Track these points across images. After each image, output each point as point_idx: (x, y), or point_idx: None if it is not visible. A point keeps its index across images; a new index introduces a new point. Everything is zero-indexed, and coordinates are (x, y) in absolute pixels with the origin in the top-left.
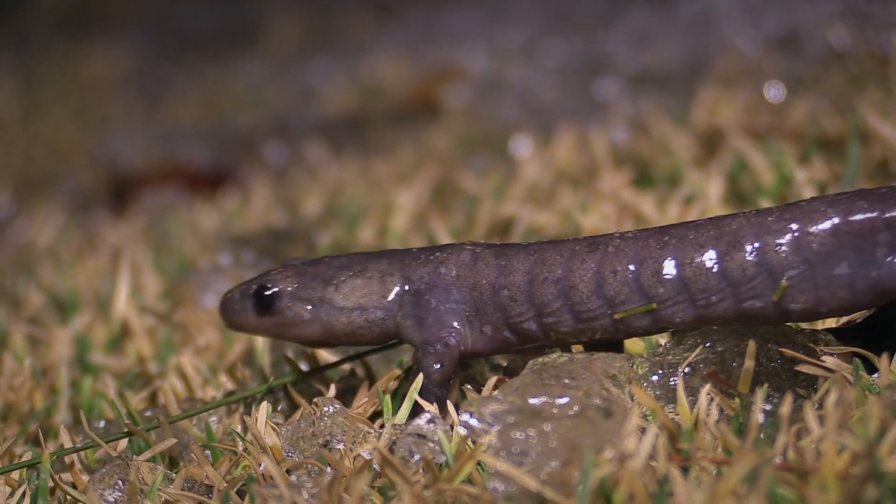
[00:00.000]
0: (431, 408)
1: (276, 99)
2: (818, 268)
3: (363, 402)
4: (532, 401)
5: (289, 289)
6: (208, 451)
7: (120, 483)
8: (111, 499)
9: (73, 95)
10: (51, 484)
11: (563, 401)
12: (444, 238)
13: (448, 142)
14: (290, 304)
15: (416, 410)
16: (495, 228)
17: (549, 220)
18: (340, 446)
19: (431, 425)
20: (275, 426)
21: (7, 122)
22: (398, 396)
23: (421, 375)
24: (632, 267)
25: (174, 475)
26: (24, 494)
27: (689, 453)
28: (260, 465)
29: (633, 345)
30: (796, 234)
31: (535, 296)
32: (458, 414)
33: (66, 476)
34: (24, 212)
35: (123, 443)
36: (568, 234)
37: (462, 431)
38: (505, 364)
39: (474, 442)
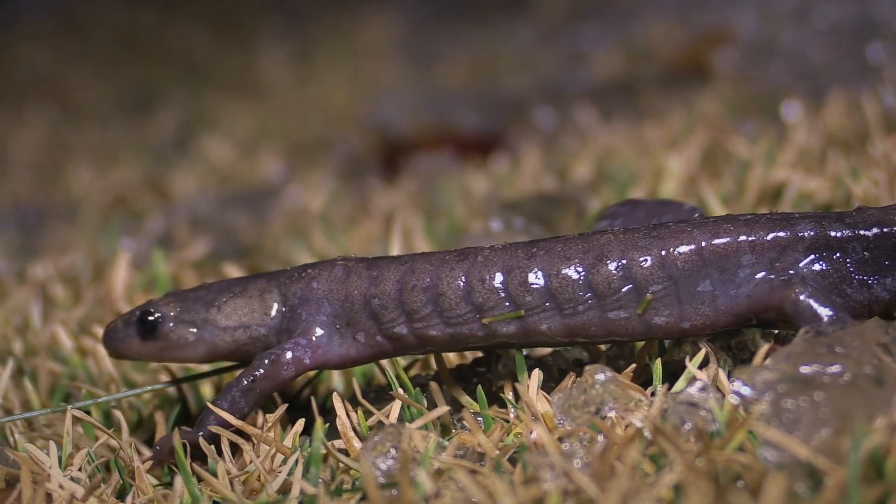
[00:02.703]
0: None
1: (547, 63)
2: (682, 284)
3: (631, 367)
4: (803, 369)
5: (171, 313)
6: (480, 419)
7: (392, 451)
8: (383, 466)
9: (345, 61)
10: (323, 451)
11: (835, 369)
12: (715, 204)
13: (718, 106)
14: (173, 327)
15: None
16: (766, 194)
17: (819, 186)
18: (612, 414)
19: (703, 393)
20: (546, 394)
21: (282, 89)
22: (670, 364)
23: (238, 383)
24: (500, 276)
25: (446, 443)
26: (297, 462)
27: None
28: (531, 432)
29: None
30: (662, 251)
31: (406, 302)
32: (729, 382)
33: (339, 443)
34: (297, 177)
35: (396, 410)
36: (840, 201)
37: (733, 400)
38: (776, 331)
39: (746, 410)
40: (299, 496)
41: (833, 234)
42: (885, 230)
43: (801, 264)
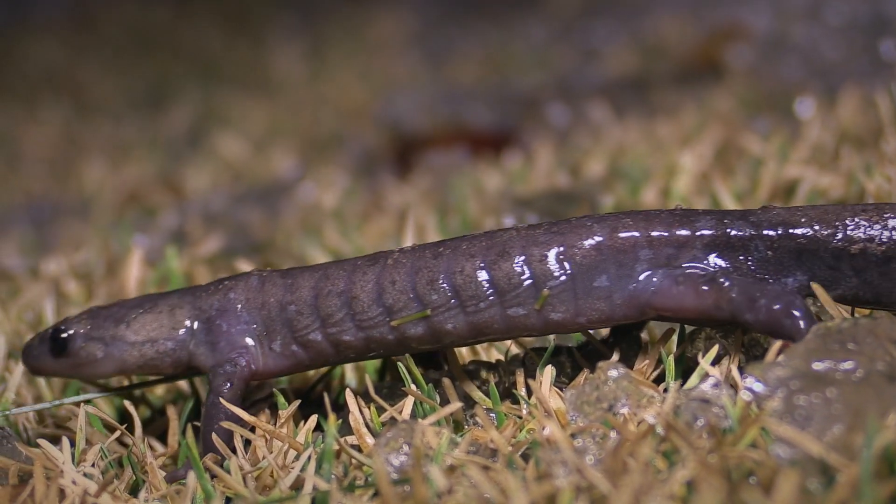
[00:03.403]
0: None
1: (559, 60)
2: (579, 279)
3: (644, 363)
4: (816, 366)
5: (82, 331)
6: (493, 415)
7: (405, 447)
8: (396, 463)
9: (358, 58)
10: (336, 447)
11: (847, 366)
12: (728, 200)
13: (731, 102)
14: (83, 344)
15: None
16: (779, 190)
17: (832, 182)
18: (625, 410)
19: (716, 390)
20: (559, 390)
21: (295, 84)
22: (683, 360)
23: (211, 401)
24: (408, 277)
25: (459, 439)
26: (309, 458)
27: None
28: (544, 429)
29: None
30: (561, 246)
31: (321, 308)
32: (742, 378)
33: (352, 439)
34: (310, 173)
35: (409, 406)
36: (853, 197)
37: (746, 396)
38: None
39: (758, 407)
40: (312, 492)
41: (734, 232)
42: (789, 230)
43: (699, 261)
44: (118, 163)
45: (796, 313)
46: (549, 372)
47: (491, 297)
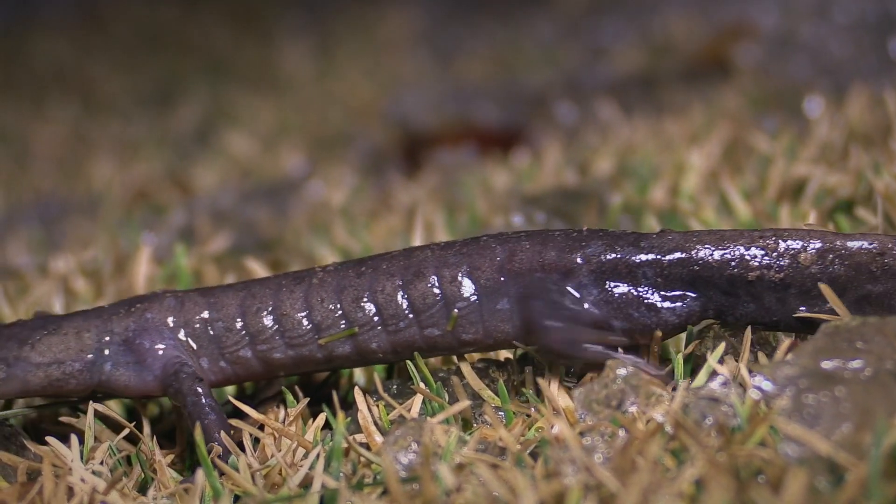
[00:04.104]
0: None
1: (567, 58)
2: (484, 301)
3: (653, 362)
4: (824, 364)
5: None
6: (502, 413)
7: (414, 445)
8: (405, 461)
9: (366, 55)
10: (345, 445)
11: (856, 364)
12: (737, 198)
13: (739, 101)
14: None
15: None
16: (787, 189)
17: (841, 181)
18: (633, 409)
19: (724, 388)
20: (567, 388)
21: (303, 82)
22: (691, 359)
23: (190, 402)
24: (334, 294)
25: (467, 437)
26: (318, 456)
27: None
28: (553, 427)
29: None
30: (468, 268)
31: (250, 325)
32: (751, 377)
33: (360, 437)
34: (318, 171)
35: (417, 404)
36: (862, 196)
37: (755, 395)
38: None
39: (767, 405)
40: (321, 490)
41: (624, 256)
42: (682, 255)
43: (584, 289)
44: (126, 160)
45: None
46: (557, 370)
47: (409, 317)
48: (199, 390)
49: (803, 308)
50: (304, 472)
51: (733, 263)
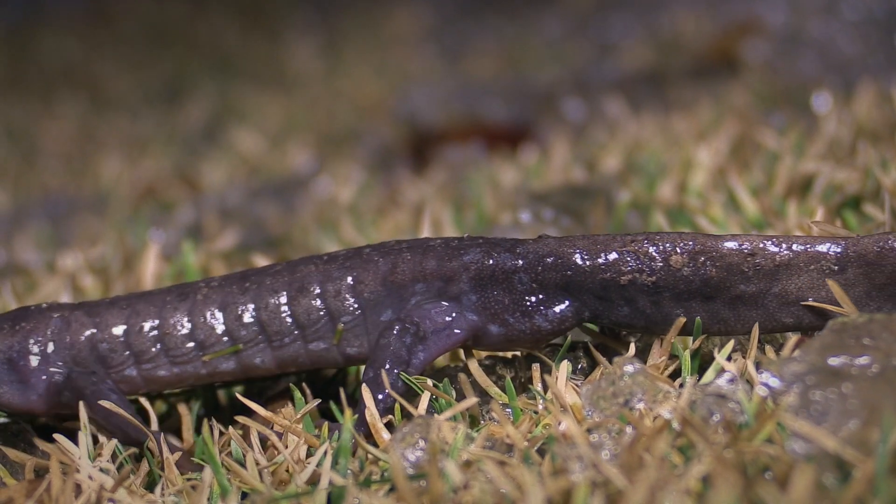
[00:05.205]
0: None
1: (575, 54)
2: (369, 314)
3: (661, 359)
4: (832, 361)
5: None
6: (509, 410)
7: (421, 442)
8: (412, 458)
9: (374, 52)
10: (352, 442)
11: (863, 361)
12: (745, 195)
13: (747, 97)
14: None
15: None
16: (795, 185)
17: (849, 177)
18: (640, 405)
19: (732, 385)
20: (575, 385)
21: (311, 79)
22: (698, 355)
23: (91, 391)
24: (218, 312)
25: (475, 434)
26: (325, 453)
27: None
28: (560, 424)
29: None
30: (352, 281)
31: (134, 344)
32: (758, 374)
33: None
34: (326, 168)
35: (425, 401)
36: (869, 192)
37: (762, 391)
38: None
39: (774, 402)
40: (328, 487)
41: (500, 263)
42: (556, 261)
43: (464, 295)
44: (134, 157)
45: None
46: (564, 367)
47: (294, 332)
48: (95, 386)
49: (811, 298)
50: (312, 470)
51: (605, 268)
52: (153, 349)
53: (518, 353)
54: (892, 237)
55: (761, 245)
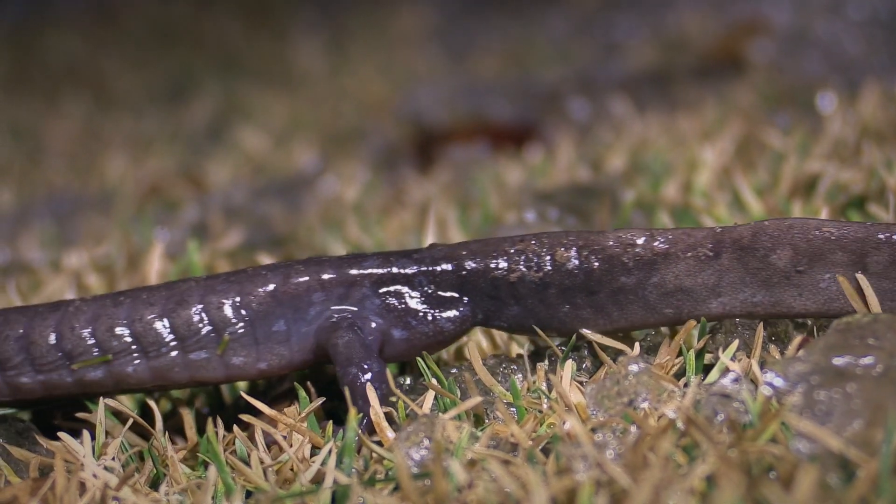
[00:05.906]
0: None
1: (581, 54)
2: (258, 324)
3: (665, 359)
4: (836, 361)
5: None
6: (513, 409)
7: (425, 441)
8: (417, 457)
9: (379, 51)
10: (356, 441)
11: (867, 361)
12: (749, 195)
13: (752, 97)
14: None
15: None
16: (800, 185)
17: (853, 177)
18: (645, 405)
19: (736, 385)
20: (579, 385)
21: (316, 78)
22: (703, 355)
23: None
24: (88, 324)
25: (479, 433)
26: (330, 452)
27: None
28: (565, 423)
29: None
30: (238, 295)
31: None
32: (762, 373)
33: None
34: (331, 167)
35: (429, 400)
36: (874, 192)
37: (766, 391)
38: (809, 323)
39: (778, 402)
40: (332, 486)
41: (398, 270)
42: (450, 265)
43: (367, 299)
44: (139, 156)
45: (366, 391)
46: (569, 366)
47: (172, 343)
48: None
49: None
50: (316, 468)
51: (494, 266)
52: (17, 357)
53: (522, 352)
54: (766, 223)
55: (641, 236)
